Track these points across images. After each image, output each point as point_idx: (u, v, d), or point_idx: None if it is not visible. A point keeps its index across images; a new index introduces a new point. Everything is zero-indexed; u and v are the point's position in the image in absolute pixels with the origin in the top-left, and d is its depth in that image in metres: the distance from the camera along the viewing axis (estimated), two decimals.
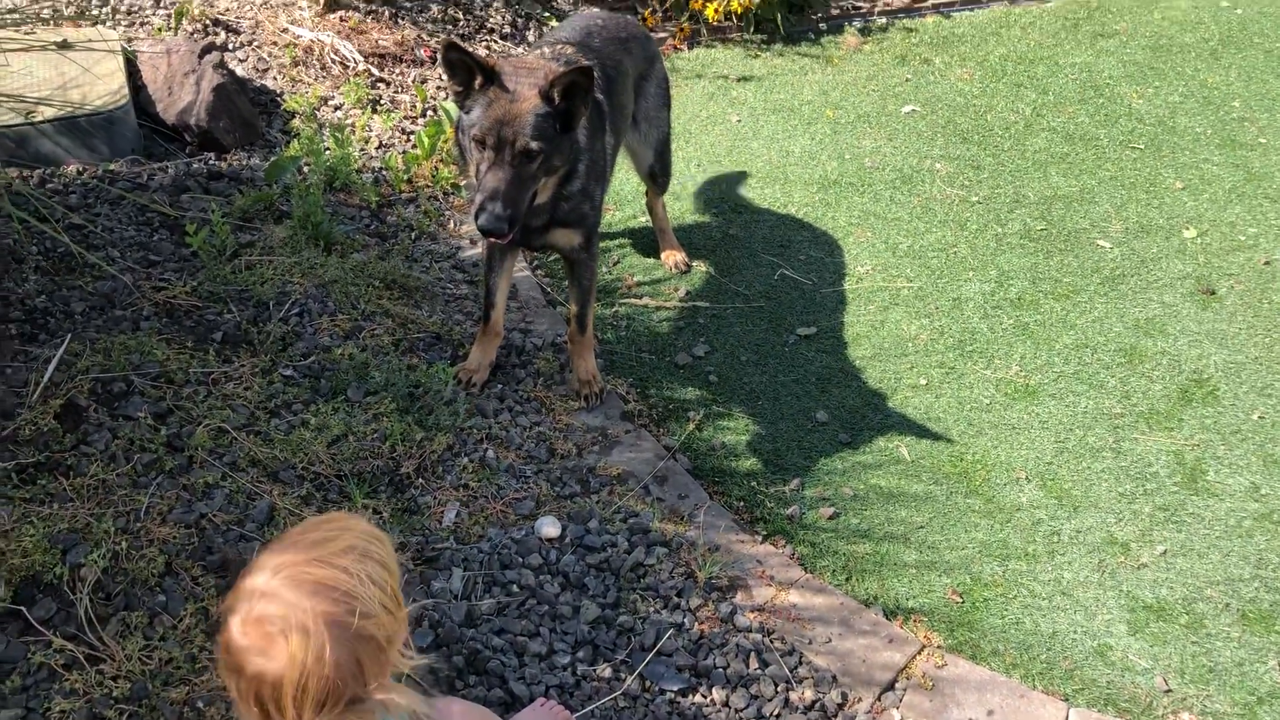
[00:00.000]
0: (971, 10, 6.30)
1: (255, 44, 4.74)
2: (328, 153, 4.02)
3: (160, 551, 2.46)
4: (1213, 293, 4.11)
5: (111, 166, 3.79)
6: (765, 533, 3.08)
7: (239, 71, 4.51)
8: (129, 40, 4.51)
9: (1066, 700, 2.70)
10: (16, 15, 4.54)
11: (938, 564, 3.06)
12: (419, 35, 5.08)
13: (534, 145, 2.77)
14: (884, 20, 6.14)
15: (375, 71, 4.80)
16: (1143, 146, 5.02)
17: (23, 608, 2.30)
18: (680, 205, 4.51)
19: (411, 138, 4.51)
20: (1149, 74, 5.69)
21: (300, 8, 4.95)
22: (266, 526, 2.62)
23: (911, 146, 5.00)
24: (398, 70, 4.89)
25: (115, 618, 2.34)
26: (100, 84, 4.00)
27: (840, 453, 3.39)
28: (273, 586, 1.48)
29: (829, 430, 3.47)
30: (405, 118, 4.64)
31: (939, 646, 2.78)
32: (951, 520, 3.20)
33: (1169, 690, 2.75)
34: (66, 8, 4.63)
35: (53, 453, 2.65)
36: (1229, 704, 2.73)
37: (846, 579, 2.99)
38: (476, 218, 2.75)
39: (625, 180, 4.54)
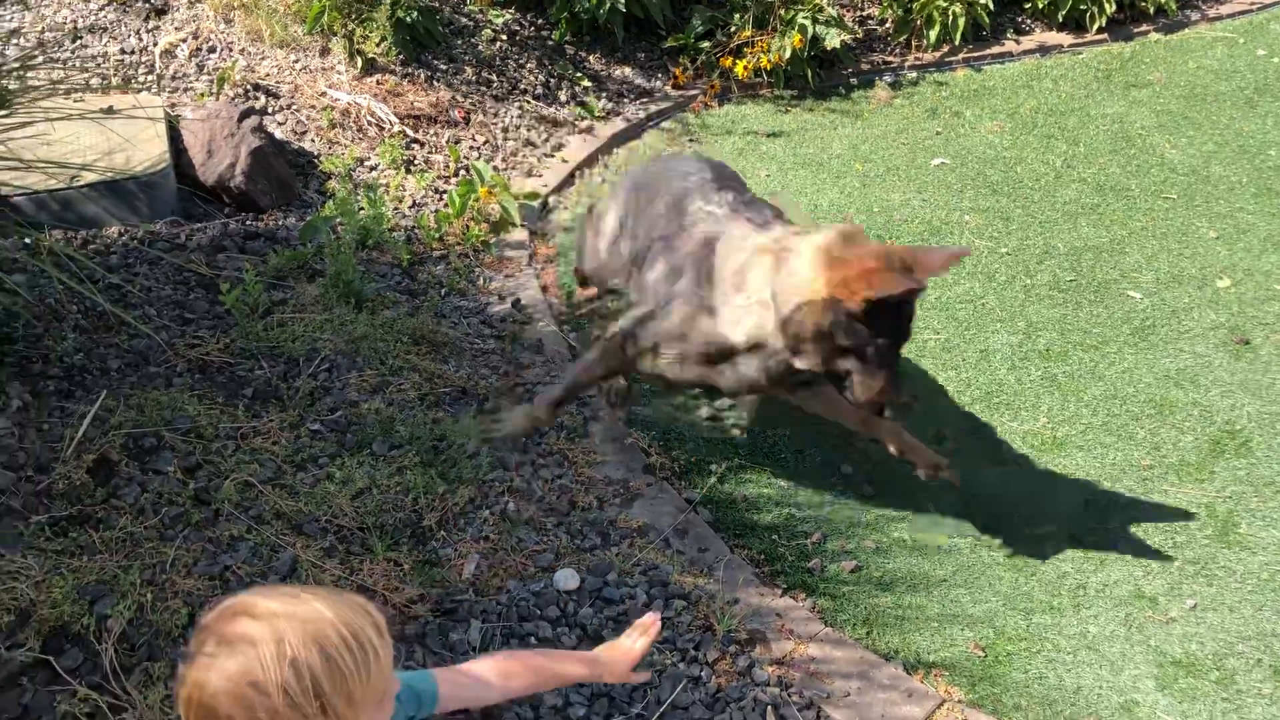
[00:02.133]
0: (1003, 64, 6.33)
1: (294, 107, 4.89)
2: (361, 212, 4.12)
3: (184, 603, 2.52)
4: (1247, 343, 4.07)
5: (151, 228, 3.92)
6: (786, 586, 3.07)
7: (278, 134, 4.65)
8: (172, 106, 4.67)
9: None
10: (66, 85, 4.72)
11: (960, 617, 3.03)
12: (453, 97, 5.21)
13: None
14: (914, 74, 6.19)
15: (410, 133, 4.92)
16: (1175, 196, 4.99)
17: (50, 658, 2.36)
18: None
19: (444, 197, 4.62)
20: (1182, 124, 5.68)
21: (338, 72, 5.10)
22: (289, 578, 2.67)
23: (941, 199, 5.02)
24: (432, 131, 5.02)
25: (139, 668, 2.39)
26: (143, 148, 4.14)
27: (864, 505, 3.38)
28: (227, 611, 1.43)
29: (853, 482, 3.46)
30: (439, 177, 4.74)
31: (960, 701, 2.75)
32: (975, 573, 3.18)
33: None
34: (114, 76, 4.81)
35: (84, 506, 2.72)
36: None
37: (867, 632, 2.97)
38: None
39: None
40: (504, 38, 5.63)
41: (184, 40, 5.07)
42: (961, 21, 6.21)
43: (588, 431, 3.52)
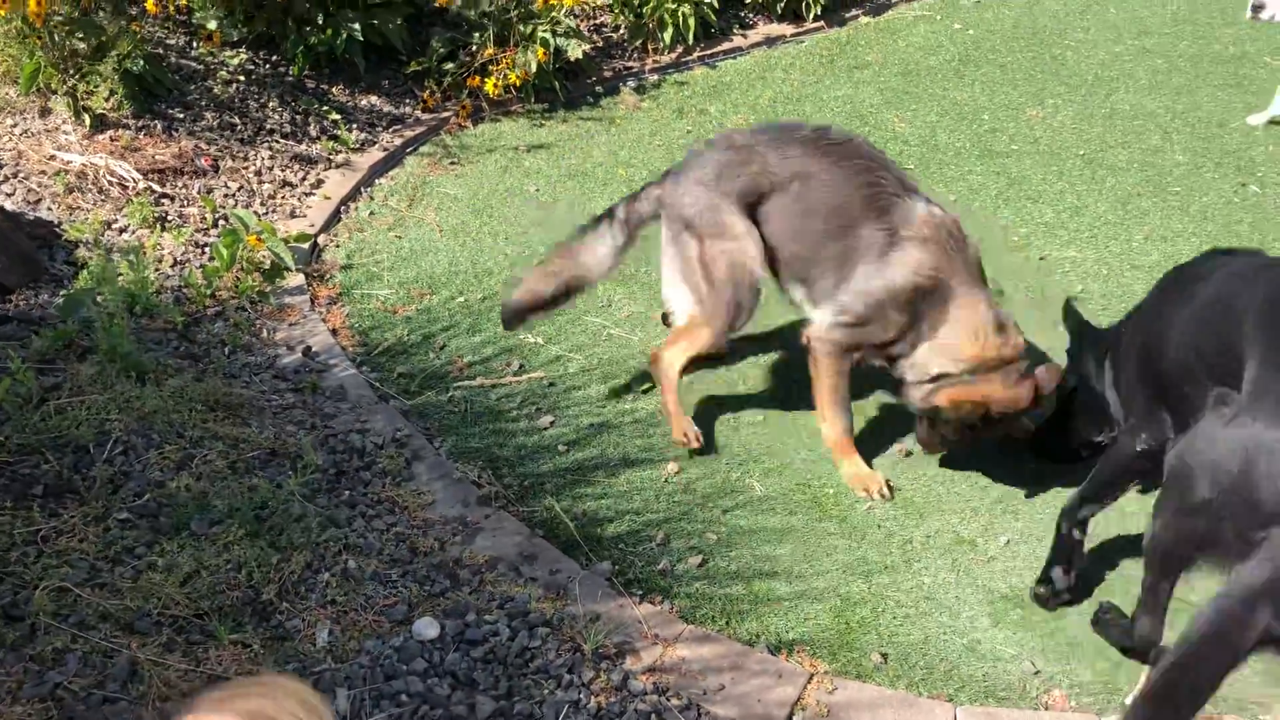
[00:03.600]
0: (735, 59, 6.61)
1: (21, 175, 4.49)
2: (122, 278, 3.84)
3: None
4: (1001, 293, 4.43)
5: None
6: (642, 592, 3.10)
7: (8, 206, 4.26)
8: None
9: (951, 700, 2.83)
10: None
11: (808, 592, 3.16)
12: (197, 145, 4.93)
13: None
14: (656, 77, 6.36)
15: (157, 188, 4.62)
16: (913, 165, 5.37)
17: None
18: (492, 280, 4.52)
19: (207, 250, 4.37)
20: (905, 98, 6.12)
21: (64, 132, 4.73)
22: (130, 683, 2.46)
23: None
24: (180, 183, 4.73)
25: None
26: None
27: (697, 499, 3.46)
28: None
29: (683, 479, 3.54)
30: (197, 230, 4.48)
31: (826, 673, 2.86)
32: (812, 547, 3.32)
33: (1037, 671, 2.93)
34: None
35: None
36: (1092, 674, 2.92)
37: (727, 623, 3.05)
38: None
39: (451, 260, 4.54)
40: (240, 78, 5.39)
41: None
42: (691, 21, 6.44)
43: (412, 473, 3.43)
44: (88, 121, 4.75)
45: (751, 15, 6.91)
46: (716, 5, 6.53)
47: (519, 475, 3.53)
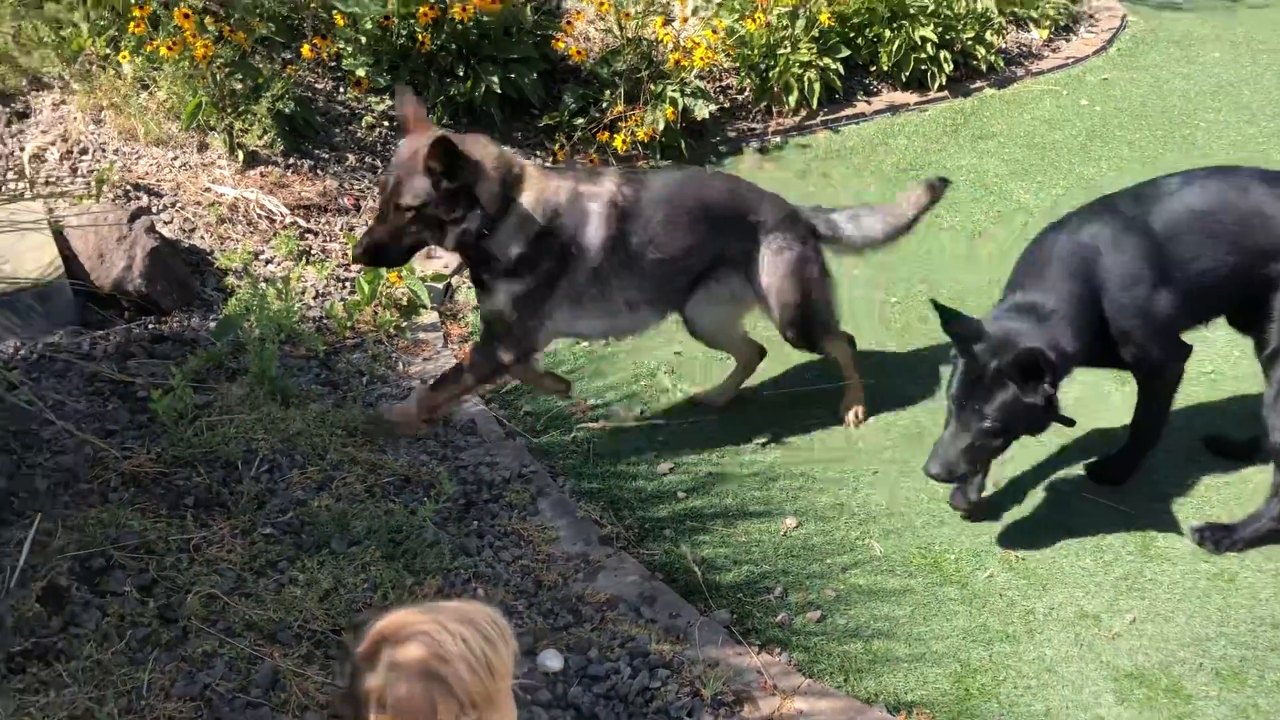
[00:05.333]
0: (857, 124, 6.67)
1: (179, 205, 4.74)
2: (271, 306, 4.03)
3: None
4: None
5: (53, 339, 3.73)
6: (760, 642, 3.12)
7: (166, 233, 4.50)
8: (50, 211, 4.47)
9: None
10: None
11: (927, 655, 3.14)
12: (340, 185, 5.16)
13: None
14: (779, 139, 6.46)
15: (303, 223, 4.85)
16: None
17: None
18: None
19: (347, 284, 4.56)
20: (1030, 170, 6.11)
21: (219, 166, 4.99)
22: (272, 691, 2.57)
23: (827, 256, 5.22)
24: (324, 220, 4.95)
25: None
26: (30, 257, 3.95)
27: (816, 555, 3.47)
28: (387, 626, 1.83)
29: (801, 534, 3.56)
30: (338, 265, 4.68)
31: None
32: (932, 610, 3.30)
33: None
34: None
35: (40, 638, 2.55)
36: None
37: (845, 679, 3.04)
38: None
39: None
40: (384, 124, 5.62)
41: (53, 143, 4.87)
42: (816, 86, 6.52)
43: (537, 509, 3.51)
44: (241, 157, 5.00)
45: (876, 82, 6.98)
46: (841, 71, 6.61)
47: (639, 518, 3.59)
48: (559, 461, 3.82)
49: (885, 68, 6.87)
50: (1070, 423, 3.46)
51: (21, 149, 4.81)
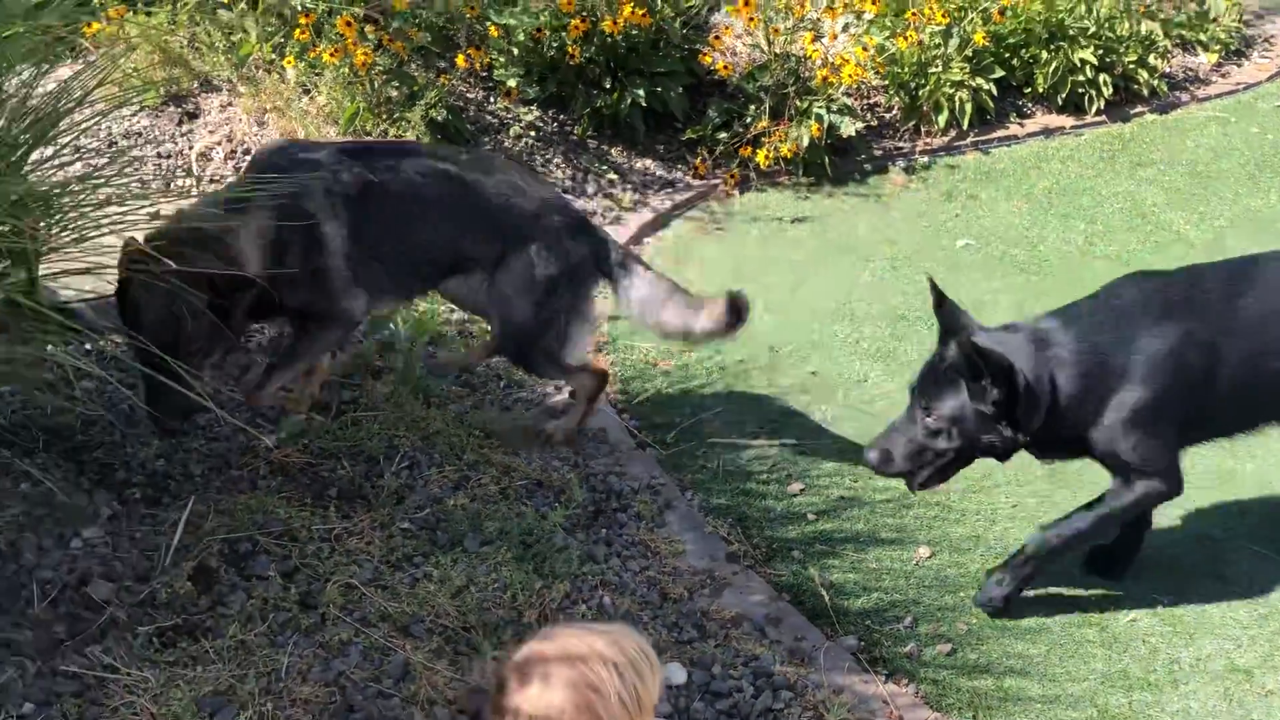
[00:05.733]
0: (1009, 146, 6.50)
1: None
2: (417, 309, 4.14)
3: (304, 712, 2.47)
4: None
5: None
6: (887, 672, 3.06)
7: None
8: None
9: None
10: (110, 190, 4.74)
11: (1062, 698, 3.02)
12: None
13: None
14: (926, 159, 6.34)
15: None
16: None
17: None
18: (750, 344, 4.58)
19: None
20: (1192, 200, 5.85)
21: None
22: (402, 682, 2.63)
23: (971, 279, 5.11)
24: None
25: None
26: None
27: (949, 587, 3.39)
28: (535, 648, 1.90)
29: (934, 564, 3.47)
30: None
31: None
32: (1069, 651, 3.18)
33: None
34: (154, 181, 4.83)
35: (189, 615, 2.68)
36: None
37: (974, 715, 2.96)
38: None
39: None
40: (530, 134, 5.73)
41: (219, 143, 5.11)
42: (968, 107, 6.38)
43: (664, 521, 3.51)
44: None
45: (1030, 104, 6.79)
46: (994, 92, 6.46)
47: (766, 537, 3.55)
48: (688, 475, 3.82)
49: (1040, 89, 6.69)
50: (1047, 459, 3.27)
51: (190, 147, 5.06)
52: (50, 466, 2.92)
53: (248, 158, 5.05)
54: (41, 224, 3.02)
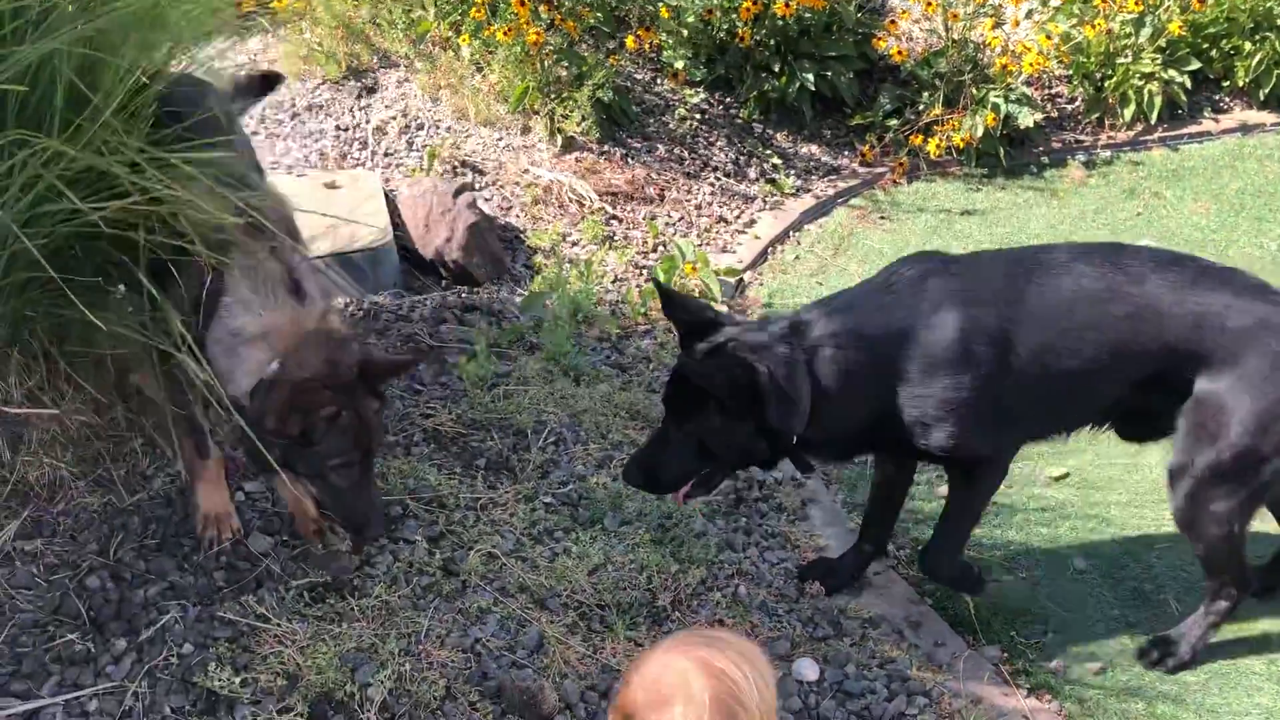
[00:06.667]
0: (1200, 143, 6.13)
1: (499, 184, 5.03)
2: (570, 287, 4.19)
3: (440, 675, 2.54)
4: None
5: (377, 299, 4.05)
6: (1029, 686, 2.95)
7: (485, 210, 4.78)
8: (386, 181, 4.85)
9: None
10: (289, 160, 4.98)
11: None
12: (648, 174, 5.29)
13: None
14: (1108, 154, 6.04)
15: (609, 209, 5.01)
16: None
17: None
18: None
19: (644, 272, 4.67)
20: None
21: (539, 149, 5.24)
22: (536, 654, 2.67)
23: None
24: (629, 208, 5.10)
25: None
26: (365, 222, 4.30)
27: (1102, 604, 3.24)
28: (670, 660, 1.76)
29: (1088, 579, 3.32)
30: (638, 253, 4.80)
31: None
32: (1231, 682, 3.00)
33: None
34: (332, 152, 5.03)
35: (338, 574, 2.78)
36: None
37: None
38: None
39: None
40: (695, 116, 5.71)
41: (394, 118, 5.28)
42: (1158, 100, 6.04)
43: (806, 514, 3.46)
44: (559, 142, 5.23)
45: (1227, 99, 6.38)
46: (1188, 85, 6.09)
47: (911, 539, 3.47)
48: (834, 471, 3.75)
49: (1240, 83, 6.28)
50: (808, 469, 2.98)
51: (368, 121, 5.24)
52: (220, 423, 3.07)
53: (420, 133, 5.21)
54: None
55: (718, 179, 5.49)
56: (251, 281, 2.47)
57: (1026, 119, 5.77)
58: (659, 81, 5.92)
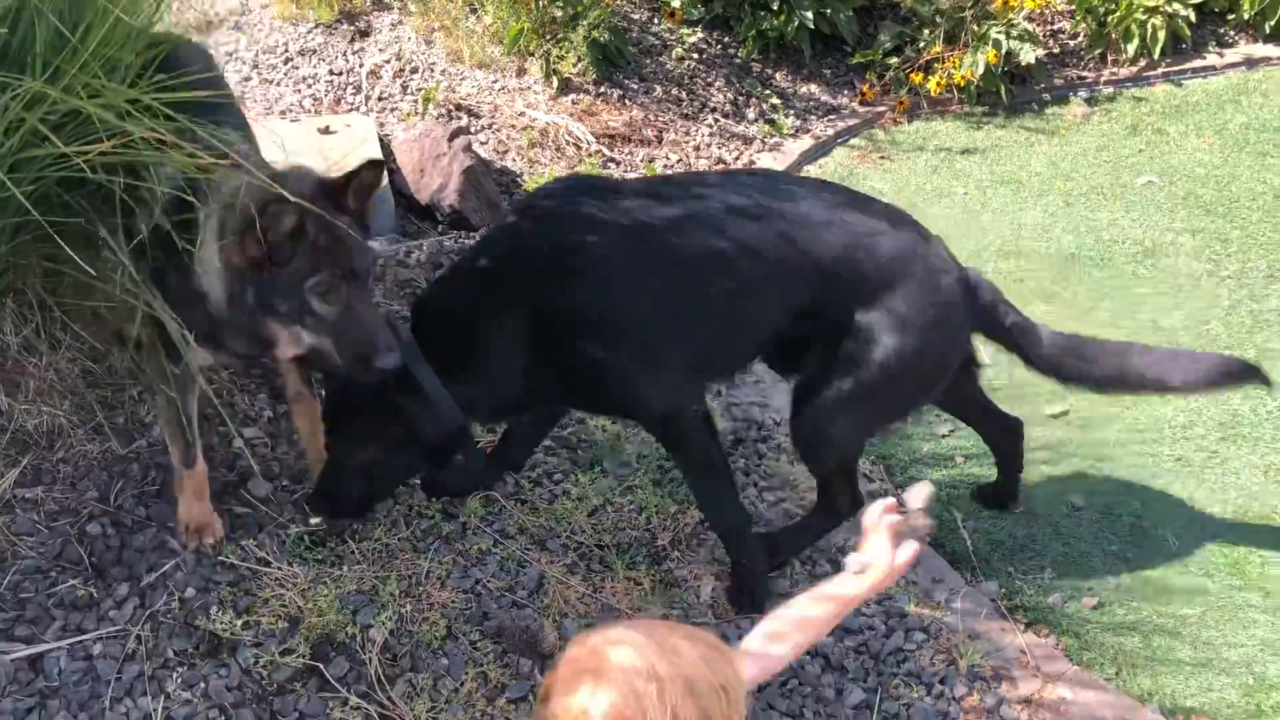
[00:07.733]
0: (1205, 78, 6.05)
1: (495, 127, 4.98)
2: None
3: (441, 615, 2.57)
4: None
5: (373, 244, 4.02)
6: (1026, 620, 2.97)
7: (481, 154, 4.73)
8: (380, 125, 4.81)
9: None
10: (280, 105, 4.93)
11: (1216, 661, 2.88)
12: (646, 116, 5.24)
13: None
14: (1110, 90, 5.97)
15: (606, 152, 4.97)
16: None
17: (320, 665, 2.42)
18: None
19: None
20: None
21: (534, 91, 5.18)
22: (536, 594, 2.70)
23: (1151, 219, 4.82)
24: (627, 150, 5.05)
25: (402, 679, 2.44)
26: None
27: (1099, 539, 3.25)
28: (596, 640, 1.55)
29: (1086, 515, 3.33)
30: None
31: None
32: (1227, 615, 3.02)
33: None
34: (326, 97, 4.98)
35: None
36: None
37: (1116, 673, 2.85)
38: None
39: None
40: (693, 56, 5.64)
41: (388, 61, 5.22)
42: (1161, 34, 5.96)
43: None
44: (555, 84, 5.17)
45: (1233, 33, 6.29)
46: (1192, 19, 6.00)
47: (909, 478, 3.47)
48: None
49: (1246, 16, 6.18)
50: (481, 471, 2.85)
51: (361, 65, 5.18)
52: (217, 368, 3.07)
53: (414, 77, 5.15)
54: None
55: (716, 120, 5.44)
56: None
57: (1028, 55, 5.70)
58: (656, 21, 5.84)
